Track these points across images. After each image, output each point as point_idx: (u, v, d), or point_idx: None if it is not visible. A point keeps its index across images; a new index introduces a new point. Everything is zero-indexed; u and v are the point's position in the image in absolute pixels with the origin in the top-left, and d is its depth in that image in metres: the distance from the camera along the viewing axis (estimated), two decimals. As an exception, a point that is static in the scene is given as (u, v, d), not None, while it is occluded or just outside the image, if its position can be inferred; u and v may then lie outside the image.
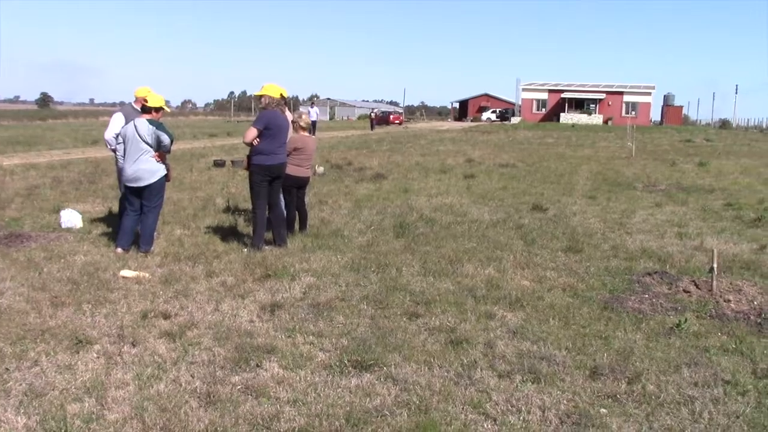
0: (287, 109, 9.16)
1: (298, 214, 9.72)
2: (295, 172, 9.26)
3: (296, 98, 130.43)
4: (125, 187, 8.50)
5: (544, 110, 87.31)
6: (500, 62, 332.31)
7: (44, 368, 4.91)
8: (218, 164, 19.86)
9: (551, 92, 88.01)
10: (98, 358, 5.15)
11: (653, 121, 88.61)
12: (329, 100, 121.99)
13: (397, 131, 54.08)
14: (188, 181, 16.12)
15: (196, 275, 7.45)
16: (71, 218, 9.96)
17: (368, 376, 4.89)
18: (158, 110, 8.48)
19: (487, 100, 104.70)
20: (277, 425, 4.15)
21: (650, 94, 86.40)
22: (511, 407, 4.46)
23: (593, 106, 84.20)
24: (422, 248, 8.93)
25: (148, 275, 7.37)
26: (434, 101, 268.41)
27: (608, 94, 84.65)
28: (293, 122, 9.33)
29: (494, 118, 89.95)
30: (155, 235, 8.73)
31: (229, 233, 9.62)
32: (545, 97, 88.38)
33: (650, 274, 7.85)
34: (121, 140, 8.44)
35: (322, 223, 10.57)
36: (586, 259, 8.61)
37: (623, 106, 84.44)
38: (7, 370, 4.86)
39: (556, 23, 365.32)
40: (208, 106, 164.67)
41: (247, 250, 8.53)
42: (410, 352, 5.34)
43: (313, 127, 28.79)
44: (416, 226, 10.50)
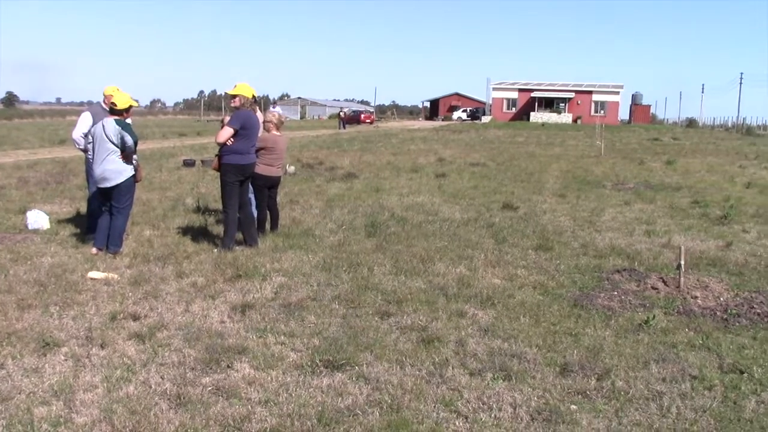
0: (258, 108, 9.13)
1: (269, 213, 9.68)
2: (266, 171, 9.22)
3: (267, 97, 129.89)
4: (96, 187, 8.43)
5: (514, 109, 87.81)
6: (471, 62, 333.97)
7: (10, 371, 4.83)
8: (188, 164, 19.69)
9: (521, 91, 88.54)
10: (66, 360, 5.08)
11: (622, 120, 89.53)
12: (300, 99, 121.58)
13: (368, 130, 54.06)
14: (157, 181, 15.97)
15: (165, 276, 7.38)
16: (38, 219, 9.81)
17: (340, 375, 4.89)
18: (128, 110, 8.41)
19: (458, 99, 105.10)
20: (248, 426, 4.13)
21: (618, 93, 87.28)
22: (482, 405, 4.48)
23: (563, 105, 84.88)
24: (394, 247, 8.94)
25: (116, 276, 7.29)
26: (405, 100, 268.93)
27: (577, 93, 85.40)
28: (264, 122, 9.30)
29: (465, 117, 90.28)
30: (124, 235, 8.64)
31: (199, 233, 9.55)
32: (515, 96, 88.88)
33: (619, 271, 7.94)
34: (90, 140, 8.36)
35: (293, 222, 10.53)
36: (556, 257, 8.69)
37: (592, 105, 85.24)
38: (-28, 374, 4.78)
39: (526, 23, 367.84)
40: (177, 105, 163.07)
41: (217, 250, 8.47)
42: (382, 351, 5.34)
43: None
44: (388, 225, 10.51)
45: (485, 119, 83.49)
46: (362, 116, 77.70)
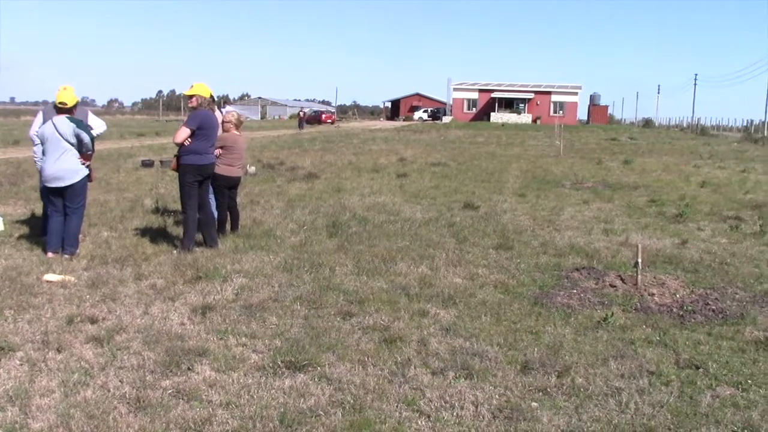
0: (216, 108, 9.06)
1: (229, 214, 9.60)
2: (226, 171, 9.15)
3: (227, 97, 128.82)
4: (46, 188, 8.25)
5: (474, 110, 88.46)
6: (432, 62, 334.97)
7: (-37, 377, 4.71)
8: (146, 164, 19.45)
9: (482, 92, 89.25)
10: (21, 365, 4.97)
11: (580, 120, 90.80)
12: (261, 99, 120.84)
13: (329, 130, 53.97)
14: (115, 181, 15.73)
15: (124, 278, 7.28)
16: (-9, 221, 9.60)
17: (302, 376, 4.87)
18: (75, 107, 8.34)
19: (418, 99, 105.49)
20: (209, 429, 4.09)
21: (577, 94, 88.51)
22: (444, 403, 4.50)
23: (522, 105, 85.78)
24: (355, 247, 8.93)
25: (73, 279, 7.17)
26: (366, 101, 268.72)
27: (537, 93, 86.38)
28: (224, 122, 9.23)
29: (426, 117, 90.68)
30: (80, 237, 8.50)
31: (158, 235, 9.43)
32: (476, 96, 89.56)
33: (578, 269, 8.04)
34: (38, 141, 8.21)
35: (254, 223, 10.46)
36: (516, 255, 8.76)
37: (551, 105, 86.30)
38: None
39: (486, 24, 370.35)
40: (135, 105, 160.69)
41: (177, 251, 8.37)
42: (344, 351, 5.33)
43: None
44: (349, 225, 10.50)
45: (446, 119, 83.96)
46: (323, 116, 77.58)
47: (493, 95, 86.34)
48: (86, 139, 8.15)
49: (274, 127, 60.61)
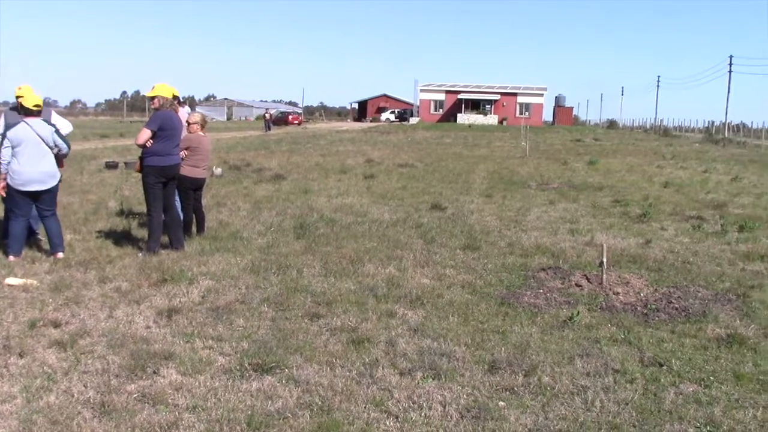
0: (181, 107, 8.98)
1: (195, 216, 9.51)
2: (191, 173, 9.06)
3: (192, 98, 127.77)
4: (17, 191, 8.01)
5: (441, 111, 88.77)
6: (399, 63, 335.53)
7: None
8: (110, 166, 19.20)
9: (448, 93, 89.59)
10: (-18, 371, 4.88)
11: (545, 121, 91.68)
12: (227, 100, 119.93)
13: (296, 132, 53.77)
14: (78, 183, 15.50)
15: (88, 281, 7.18)
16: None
17: (269, 378, 4.85)
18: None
19: (386, 100, 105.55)
20: (175, 433, 4.05)
21: (542, 95, 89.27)
22: (412, 404, 4.51)
23: (489, 106, 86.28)
24: (323, 249, 8.91)
25: (36, 282, 7.05)
26: (333, 102, 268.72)
27: (503, 95, 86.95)
28: (188, 122, 9.15)
29: (393, 118, 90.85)
30: (43, 240, 8.38)
31: (122, 237, 9.32)
32: (442, 98, 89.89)
33: (544, 269, 8.11)
34: (8, 144, 7.96)
35: (220, 225, 10.39)
36: (483, 256, 8.81)
37: (517, 106, 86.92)
38: None
39: (453, 25, 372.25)
40: (99, 106, 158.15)
41: (142, 254, 8.28)
42: (312, 353, 5.32)
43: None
44: (317, 226, 10.47)
45: (413, 120, 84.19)
46: (290, 117, 77.15)
47: (459, 96, 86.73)
48: (65, 149, 8.17)
49: (240, 128, 60.20)
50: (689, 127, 76.06)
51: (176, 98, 8.69)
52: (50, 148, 8.02)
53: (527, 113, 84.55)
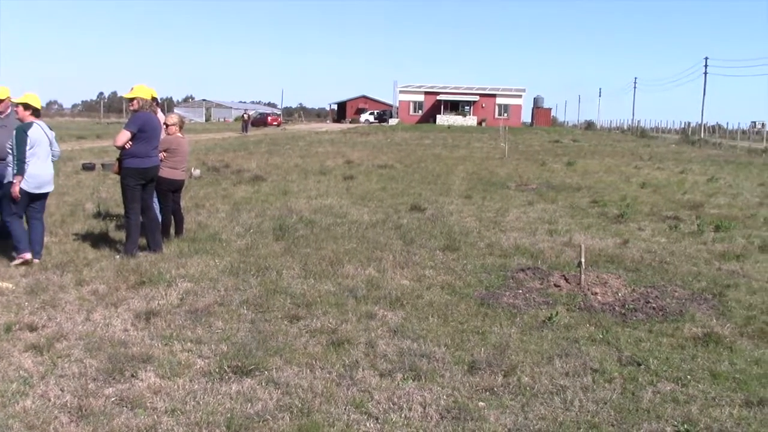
0: (159, 110, 8.92)
1: (173, 218, 9.45)
2: (169, 174, 9.01)
3: (170, 99, 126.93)
4: (28, 194, 7.89)
5: (420, 112, 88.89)
6: (378, 64, 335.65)
7: None
8: (87, 168, 19.02)
9: (427, 94, 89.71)
10: (-44, 375, 4.81)
11: (524, 122, 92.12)
12: (205, 101, 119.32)
13: (275, 133, 53.60)
14: (54, 185, 15.29)
15: (64, 284, 7.10)
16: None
17: (249, 381, 4.82)
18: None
19: (365, 101, 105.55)
20: (154, 436, 4.02)
21: (521, 96, 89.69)
22: (392, 405, 4.51)
23: (468, 108, 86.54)
24: (302, 250, 8.89)
25: (11, 286, 6.97)
26: (313, 103, 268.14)
27: (482, 96, 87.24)
28: (166, 124, 9.09)
29: (372, 119, 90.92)
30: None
31: (100, 239, 9.23)
32: (422, 99, 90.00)
33: (523, 270, 8.15)
34: (30, 145, 7.84)
35: (199, 227, 10.33)
36: (463, 257, 8.83)
37: (496, 108, 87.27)
38: None
39: (431, 26, 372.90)
40: (75, 107, 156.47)
41: (119, 256, 8.21)
42: (291, 355, 5.30)
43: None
44: (296, 228, 10.44)
45: (392, 122, 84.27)
46: (269, 118, 76.88)
47: (438, 98, 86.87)
48: (58, 151, 8.39)
49: (219, 129, 59.92)
50: (666, 128, 76.74)
51: (155, 100, 8.64)
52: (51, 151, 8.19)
53: (506, 114, 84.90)
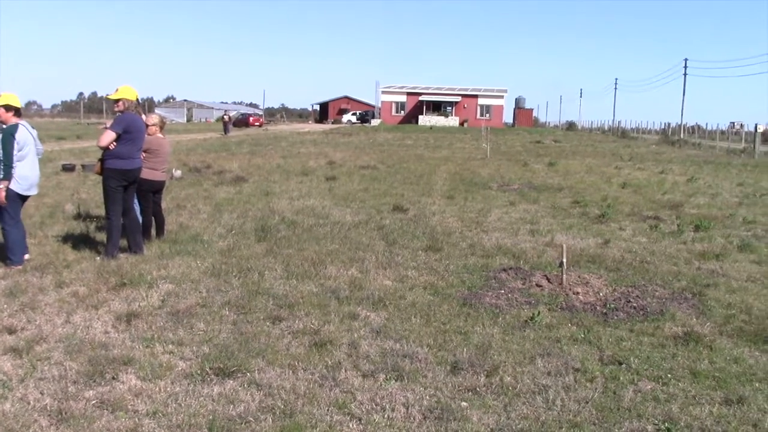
0: (142, 111, 8.86)
1: (154, 219, 9.40)
2: (150, 175, 8.95)
3: (151, 99, 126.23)
4: (19, 196, 7.84)
5: (403, 113, 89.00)
6: (360, 65, 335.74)
7: None
8: (67, 169, 18.89)
9: (410, 95, 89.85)
10: (-67, 379, 4.75)
11: (506, 123, 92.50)
12: (186, 101, 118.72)
13: (257, 133, 53.45)
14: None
15: (44, 286, 7.04)
16: None
17: (231, 382, 4.80)
18: None
19: (347, 102, 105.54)
20: (135, 439, 3.99)
21: (503, 97, 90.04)
22: (375, 406, 4.50)
23: (450, 108, 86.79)
24: (285, 251, 8.87)
25: (-10, 288, 6.89)
26: (295, 103, 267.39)
27: (464, 97, 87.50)
28: (147, 125, 9.03)
29: (355, 120, 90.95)
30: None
31: (80, 241, 9.16)
32: (404, 99, 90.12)
33: (506, 270, 8.17)
34: (18, 146, 7.76)
35: (180, 228, 10.27)
36: (445, 257, 8.85)
37: (478, 108, 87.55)
38: None
39: (413, 27, 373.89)
40: (55, 107, 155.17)
41: (100, 258, 8.15)
42: (274, 356, 5.29)
43: None
44: (278, 229, 10.42)
45: (375, 122, 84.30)
46: (251, 119, 76.64)
47: (421, 98, 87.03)
48: (42, 148, 8.32)
49: (200, 130, 59.65)
50: (646, 128, 77.27)
51: (138, 101, 8.58)
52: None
53: (488, 115, 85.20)
